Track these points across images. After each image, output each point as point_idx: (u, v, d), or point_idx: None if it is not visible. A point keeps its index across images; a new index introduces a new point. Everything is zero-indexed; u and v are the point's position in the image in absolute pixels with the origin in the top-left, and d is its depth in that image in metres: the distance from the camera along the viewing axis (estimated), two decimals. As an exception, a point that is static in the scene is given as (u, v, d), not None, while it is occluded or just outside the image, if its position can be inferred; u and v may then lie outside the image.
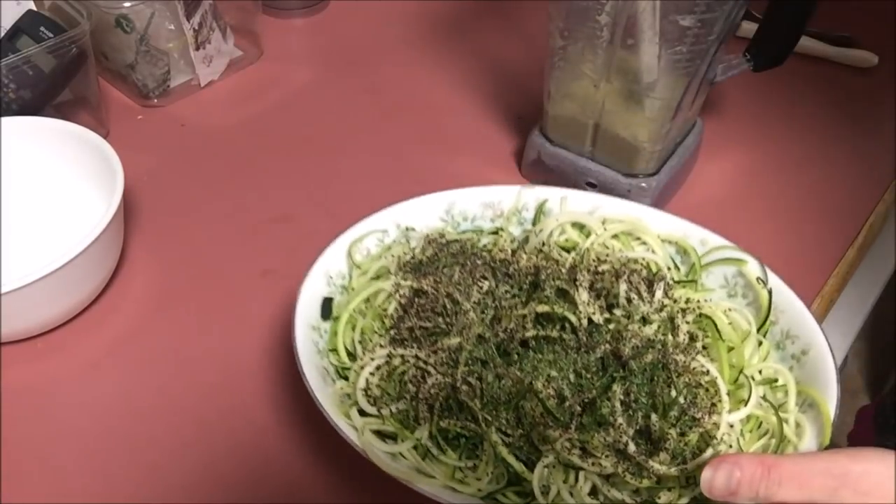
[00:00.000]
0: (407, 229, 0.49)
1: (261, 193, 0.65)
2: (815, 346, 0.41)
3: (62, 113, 0.66)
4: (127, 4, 0.66)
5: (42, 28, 0.62)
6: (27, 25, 0.62)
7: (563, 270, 0.45)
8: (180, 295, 0.57)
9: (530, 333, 0.43)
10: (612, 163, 0.60)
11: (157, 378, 0.52)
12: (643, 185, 0.59)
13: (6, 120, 0.58)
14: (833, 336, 0.57)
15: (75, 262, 0.49)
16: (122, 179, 0.54)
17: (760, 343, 0.43)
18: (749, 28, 0.75)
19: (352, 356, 0.45)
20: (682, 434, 0.39)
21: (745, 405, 0.40)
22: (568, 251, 0.47)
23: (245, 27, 0.79)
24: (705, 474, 0.35)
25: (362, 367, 0.43)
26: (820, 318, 0.58)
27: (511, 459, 0.39)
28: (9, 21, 0.63)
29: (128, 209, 0.61)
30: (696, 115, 0.64)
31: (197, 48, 0.72)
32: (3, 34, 0.63)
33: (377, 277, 0.48)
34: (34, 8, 0.64)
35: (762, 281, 0.44)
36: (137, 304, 0.57)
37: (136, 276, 0.58)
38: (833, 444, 0.39)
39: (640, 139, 0.58)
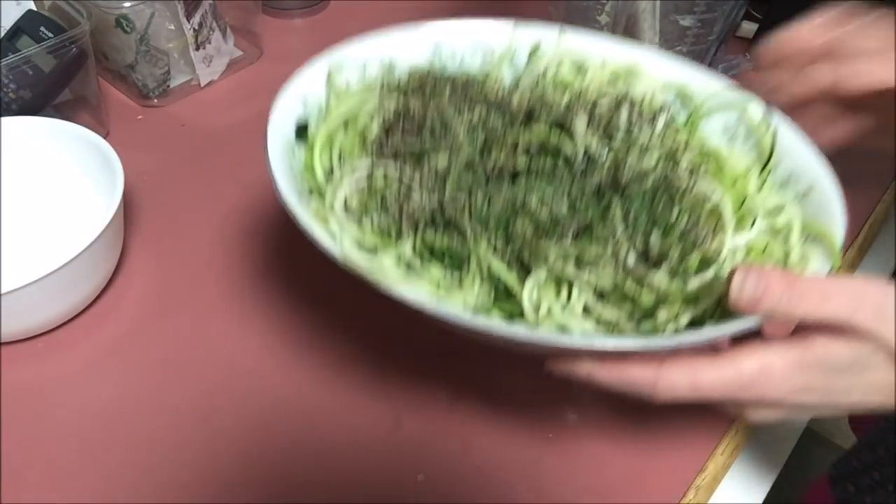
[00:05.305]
0: (390, 64, 0.45)
1: (261, 193, 0.65)
2: (819, 184, 0.39)
3: (62, 113, 0.66)
4: (127, 4, 0.66)
5: (42, 28, 0.62)
6: (27, 25, 0.62)
7: (560, 106, 0.42)
8: (180, 295, 0.57)
9: (522, 164, 0.40)
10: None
11: (156, 378, 0.52)
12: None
13: (6, 120, 0.58)
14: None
15: (75, 262, 0.49)
16: (122, 179, 0.54)
17: (762, 186, 0.42)
18: (749, 28, 0.75)
19: (329, 179, 0.41)
20: (683, 258, 0.37)
21: (751, 230, 0.39)
22: (562, 93, 0.44)
23: (245, 27, 0.79)
24: (736, 277, 0.34)
25: (341, 182, 0.39)
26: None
27: (501, 269, 0.36)
28: (9, 21, 0.63)
29: (128, 209, 0.61)
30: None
31: (197, 48, 0.72)
32: (3, 34, 0.63)
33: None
34: (34, 8, 0.64)
35: (765, 123, 0.43)
36: (137, 304, 0.57)
37: (136, 276, 0.58)
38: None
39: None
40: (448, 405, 0.50)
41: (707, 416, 0.50)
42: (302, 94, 0.42)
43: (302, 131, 0.42)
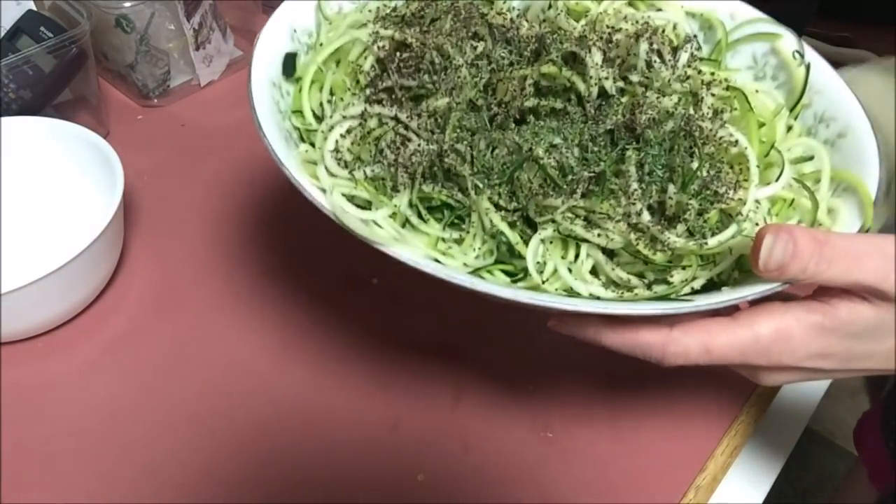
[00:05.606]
0: None
1: (260, 193, 0.65)
2: (853, 128, 0.36)
3: (62, 113, 0.66)
4: (127, 4, 0.66)
5: (42, 28, 0.62)
6: (27, 25, 0.62)
7: (573, 37, 0.38)
8: (180, 295, 0.57)
9: (530, 103, 0.37)
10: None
11: (156, 378, 0.52)
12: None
13: (6, 120, 0.58)
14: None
15: (75, 262, 0.49)
16: (122, 179, 0.54)
17: (790, 128, 0.38)
18: (749, 28, 0.75)
19: (319, 120, 0.38)
20: (701, 212, 0.34)
21: (777, 182, 0.35)
22: (577, 20, 0.40)
23: (245, 27, 0.79)
24: (767, 240, 0.31)
25: (332, 127, 0.36)
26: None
27: (504, 226, 0.34)
28: (9, 21, 0.63)
29: (128, 209, 0.61)
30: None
31: (197, 48, 0.72)
32: (3, 34, 0.63)
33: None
34: (34, 8, 0.64)
35: (799, 55, 0.38)
36: (137, 304, 0.57)
37: (136, 276, 0.58)
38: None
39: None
40: (448, 405, 0.50)
41: (707, 416, 0.51)
42: (290, 24, 0.38)
43: (290, 66, 0.38)
